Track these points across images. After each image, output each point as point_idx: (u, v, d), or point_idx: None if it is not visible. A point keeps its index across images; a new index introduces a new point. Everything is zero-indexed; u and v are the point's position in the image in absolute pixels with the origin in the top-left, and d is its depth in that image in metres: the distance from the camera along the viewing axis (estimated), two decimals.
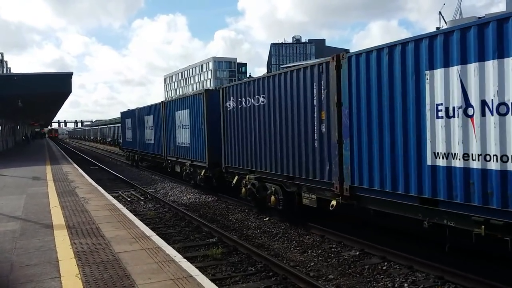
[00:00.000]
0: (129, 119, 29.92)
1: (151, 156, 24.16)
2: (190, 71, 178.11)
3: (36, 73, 27.05)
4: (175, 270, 6.10)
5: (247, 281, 7.57)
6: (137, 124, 27.01)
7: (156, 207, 14.85)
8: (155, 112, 22.72)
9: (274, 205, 11.51)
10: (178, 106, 18.88)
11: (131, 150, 29.71)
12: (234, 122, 13.48)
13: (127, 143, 31.15)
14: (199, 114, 16.37)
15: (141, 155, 26.85)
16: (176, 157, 19.39)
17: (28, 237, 8.19)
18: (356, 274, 7.80)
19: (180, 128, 18.58)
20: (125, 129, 31.74)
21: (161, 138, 21.40)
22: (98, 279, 5.76)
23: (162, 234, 10.43)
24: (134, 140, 28.03)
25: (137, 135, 27.13)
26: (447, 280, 7.13)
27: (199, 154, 16.58)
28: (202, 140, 16.08)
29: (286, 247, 9.65)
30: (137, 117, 27.01)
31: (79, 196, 13.05)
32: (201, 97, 16.12)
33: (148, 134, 24.21)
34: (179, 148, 18.86)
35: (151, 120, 23.46)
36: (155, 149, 22.97)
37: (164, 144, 21.07)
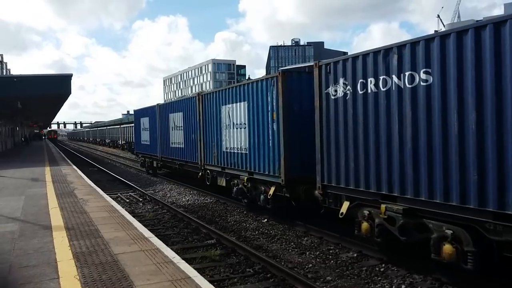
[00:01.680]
0: (145, 118, 24.90)
1: (179, 163, 19.45)
2: (189, 73, 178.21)
3: (36, 75, 27.12)
4: (174, 271, 6.13)
5: (245, 282, 7.59)
6: (157, 124, 22.26)
7: (154, 208, 14.87)
8: (186, 108, 18.03)
9: (450, 259, 6.81)
10: (227, 98, 13.98)
11: (148, 155, 24.81)
12: (345, 116, 8.74)
13: (142, 147, 26.08)
14: (265, 108, 11.74)
15: (162, 161, 22.14)
16: (221, 167, 14.64)
17: (27, 238, 8.20)
18: (354, 276, 7.82)
19: (229, 127, 13.96)
20: (139, 130, 26.46)
21: (196, 141, 16.92)
22: (97, 280, 5.78)
23: (161, 235, 10.45)
24: (153, 144, 23.39)
25: (157, 137, 22.39)
26: (445, 282, 7.16)
27: (264, 164, 11.92)
28: (274, 144, 11.40)
29: (284, 248, 9.68)
30: (158, 115, 22.18)
31: (78, 198, 13.06)
32: (273, 81, 11.28)
33: (175, 136, 19.59)
34: (228, 155, 14.14)
35: (179, 119, 18.83)
36: (186, 155, 18.25)
37: (200, 149, 16.45)
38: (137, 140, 27.83)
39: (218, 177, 15.26)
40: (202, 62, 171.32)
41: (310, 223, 10.92)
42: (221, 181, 14.99)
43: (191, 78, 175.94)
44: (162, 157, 22.03)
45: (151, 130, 23.74)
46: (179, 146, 19.16)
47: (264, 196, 12.03)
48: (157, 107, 22.47)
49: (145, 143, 25.32)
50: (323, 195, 9.64)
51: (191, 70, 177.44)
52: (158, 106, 22.31)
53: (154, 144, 23.35)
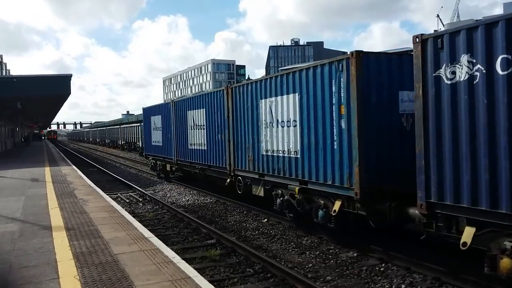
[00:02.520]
0: (157, 117, 22.15)
1: (199, 168, 16.73)
2: (189, 73, 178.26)
3: (35, 75, 27.13)
4: (174, 271, 6.13)
5: (245, 282, 7.59)
6: (172, 122, 19.52)
7: (154, 208, 14.87)
8: (210, 103, 15.37)
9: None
10: (268, 90, 11.48)
11: (160, 157, 22.00)
12: (472, 108, 6.33)
13: (153, 148, 23.15)
14: (327, 101, 9.11)
15: (178, 165, 19.46)
16: (259, 173, 12.12)
17: (27, 238, 8.21)
18: (354, 275, 7.83)
19: (271, 126, 11.36)
20: (149, 129, 23.67)
21: (223, 142, 14.35)
22: (97, 281, 5.78)
23: (161, 235, 10.45)
24: (167, 145, 20.67)
25: (172, 138, 19.67)
26: (444, 282, 7.17)
27: (325, 171, 9.30)
28: (342, 146, 8.73)
29: (285, 248, 9.68)
30: (172, 113, 19.45)
31: (78, 198, 13.07)
32: (341, 66, 8.64)
33: (195, 136, 16.91)
34: (269, 159, 11.56)
35: (201, 117, 16.28)
36: (209, 159, 15.66)
37: (229, 151, 13.86)
38: (146, 141, 24.81)
39: (253, 185, 12.59)
40: (202, 62, 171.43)
41: (310, 224, 10.92)
42: (258, 191, 12.39)
43: (191, 78, 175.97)
44: (177, 160, 19.19)
45: (164, 130, 20.88)
46: (200, 148, 16.45)
47: (324, 212, 9.38)
48: (171, 104, 19.75)
49: (156, 144, 22.42)
50: (429, 216, 7.10)
51: (190, 70, 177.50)
52: (173, 102, 19.56)
53: (167, 146, 20.50)
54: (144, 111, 25.05)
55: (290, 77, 10.42)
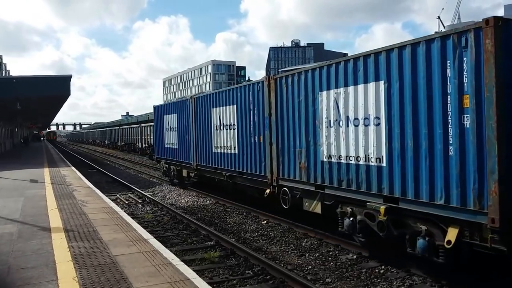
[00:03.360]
0: (171, 116, 19.66)
1: (227, 175, 14.23)
2: (189, 75, 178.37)
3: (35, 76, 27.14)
4: (172, 273, 6.11)
5: (245, 284, 7.57)
6: (192, 122, 17.05)
7: (154, 210, 14.84)
8: (243, 99, 12.93)
9: None
10: (331, 80, 9.12)
11: (175, 162, 19.52)
12: None
13: (166, 152, 20.59)
14: (435, 89, 6.81)
15: (198, 170, 16.88)
16: (316, 184, 9.71)
17: (25, 239, 8.18)
18: (353, 277, 7.81)
19: (336, 125, 9.03)
20: (162, 130, 21.09)
21: (261, 145, 12.00)
22: (95, 282, 5.76)
23: (160, 237, 10.43)
24: (184, 148, 18.09)
25: (190, 139, 17.26)
26: (444, 284, 7.14)
27: (435, 186, 6.91)
28: (467, 152, 6.39)
29: (284, 250, 9.66)
30: (192, 111, 17.01)
31: (77, 199, 13.04)
32: (465, 39, 6.29)
33: (223, 138, 14.38)
34: (332, 168, 9.20)
35: (230, 115, 13.81)
36: (241, 164, 13.19)
37: (272, 156, 11.45)
38: (158, 143, 22.02)
39: (305, 199, 10.23)
40: (202, 64, 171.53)
41: (309, 225, 10.91)
42: (313, 206, 10.00)
43: (191, 79, 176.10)
44: (198, 165, 16.76)
45: (181, 131, 18.35)
46: (229, 152, 13.99)
47: (426, 241, 7.03)
48: (191, 100, 17.19)
49: (170, 146, 19.86)
50: None
51: (190, 72, 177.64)
52: (193, 98, 17.01)
53: (185, 148, 18.01)
54: (156, 109, 22.16)
55: (370, 60, 8.02)
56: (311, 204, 10.08)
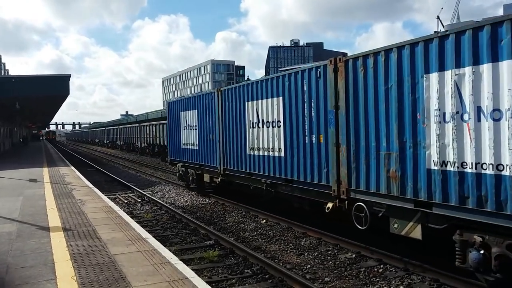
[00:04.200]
0: (190, 112, 17.10)
1: (268, 182, 11.74)
2: (188, 74, 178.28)
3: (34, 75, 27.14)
4: (171, 272, 6.11)
5: (243, 283, 7.57)
6: (217, 119, 14.58)
7: (153, 209, 14.84)
8: (293, 89, 10.54)
9: None
10: (461, 54, 6.55)
11: (194, 165, 16.97)
12: None
13: (183, 153, 18.02)
14: None
15: (226, 176, 14.32)
16: (417, 200, 7.37)
17: (24, 239, 8.18)
18: (352, 276, 7.81)
19: (452, 120, 6.70)
20: (178, 129, 18.55)
21: (323, 148, 9.58)
22: (94, 281, 5.76)
23: (159, 236, 10.44)
24: (206, 149, 15.65)
25: (216, 139, 14.81)
26: (443, 283, 7.15)
27: None
28: None
29: (283, 249, 9.66)
30: (218, 106, 14.46)
31: (76, 198, 13.04)
32: None
33: (259, 138, 12.08)
34: (448, 179, 6.81)
35: (273, 109, 11.36)
36: (292, 171, 10.71)
37: (340, 162, 9.03)
38: (173, 143, 19.40)
39: (395, 219, 7.85)
40: (201, 63, 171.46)
41: (308, 224, 10.91)
42: (408, 229, 7.60)
43: (190, 78, 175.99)
44: (225, 170, 14.25)
45: (203, 129, 15.84)
46: (271, 154, 11.53)
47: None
48: (217, 93, 14.57)
49: (189, 147, 17.34)
50: None
51: (190, 71, 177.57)
52: (221, 92, 14.38)
53: (208, 150, 15.50)
54: (171, 105, 19.65)
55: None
56: (404, 226, 7.64)
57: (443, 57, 6.77)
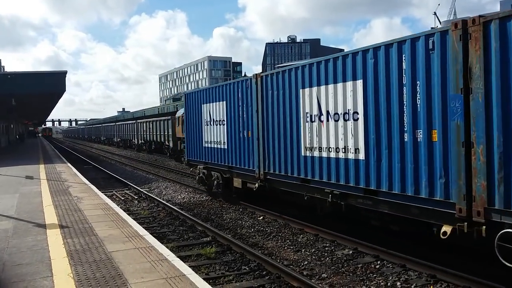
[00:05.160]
0: (215, 105, 14.51)
1: (338, 193, 9.19)
2: (185, 70, 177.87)
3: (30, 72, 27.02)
4: (168, 269, 6.10)
5: (241, 280, 7.57)
6: (255, 111, 12.09)
7: (150, 206, 14.82)
8: (387, 67, 7.84)
9: None
10: None
11: (221, 167, 14.44)
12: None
13: (206, 153, 15.46)
14: None
15: (267, 182, 11.85)
16: None
17: (20, 236, 8.15)
18: (349, 273, 7.82)
19: None
20: (198, 124, 16.04)
21: (433, 149, 7.13)
22: (91, 278, 5.74)
23: (156, 233, 10.43)
24: (239, 148, 13.13)
25: (253, 137, 12.30)
26: (440, 279, 7.17)
27: None
28: None
29: (280, 246, 9.67)
30: (255, 95, 12.04)
31: (73, 195, 13.00)
32: None
33: (321, 135, 9.64)
34: None
35: (347, 97, 8.83)
36: (379, 179, 8.16)
37: (482, 169, 6.32)
38: (191, 141, 16.84)
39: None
40: (198, 59, 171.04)
41: (305, 220, 10.92)
42: None
43: (187, 75, 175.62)
44: (266, 174, 11.79)
45: (235, 125, 13.30)
46: (342, 156, 8.98)
47: None
48: (255, 80, 11.98)
49: (214, 146, 14.77)
50: None
51: (187, 67, 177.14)
52: (261, 78, 11.82)
53: (241, 149, 13.01)
54: (189, 97, 16.97)
55: None
56: None
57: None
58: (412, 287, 7.00)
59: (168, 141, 35.91)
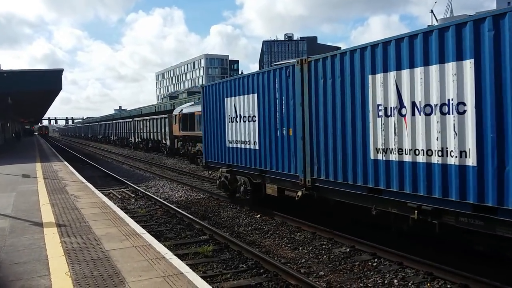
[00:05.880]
0: (244, 98, 12.32)
1: (431, 209, 7.03)
2: (182, 68, 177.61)
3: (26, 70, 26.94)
4: (166, 267, 6.10)
5: (238, 278, 7.58)
6: (298, 105, 10.03)
7: (147, 204, 14.81)
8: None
9: None
10: None
11: (252, 171, 12.20)
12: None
13: (231, 154, 13.28)
14: None
15: (316, 190, 9.68)
16: None
17: (17, 235, 8.13)
18: (346, 270, 7.84)
19: None
20: (219, 121, 13.87)
21: None
22: (88, 277, 5.73)
23: (153, 231, 10.42)
24: (275, 149, 11.04)
25: (295, 136, 10.24)
26: (436, 276, 7.20)
27: None
28: None
29: (278, 244, 9.68)
30: (299, 85, 9.89)
31: (69, 194, 12.98)
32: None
33: (406, 133, 7.42)
34: None
35: (457, 80, 6.53)
36: (498, 193, 6.07)
37: None
38: (211, 140, 14.59)
39: None
40: (195, 57, 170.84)
41: (303, 218, 10.93)
42: None
43: (184, 73, 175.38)
44: (313, 182, 9.66)
45: (269, 121, 11.19)
46: (437, 161, 6.97)
47: None
48: (299, 68, 9.85)
49: (240, 146, 12.60)
50: None
51: (183, 65, 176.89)
52: (309, 63, 9.62)
53: (278, 150, 10.87)
54: (208, 90, 14.71)
55: None
56: None
57: None
58: (409, 284, 7.02)
59: (165, 139, 35.90)
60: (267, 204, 12.28)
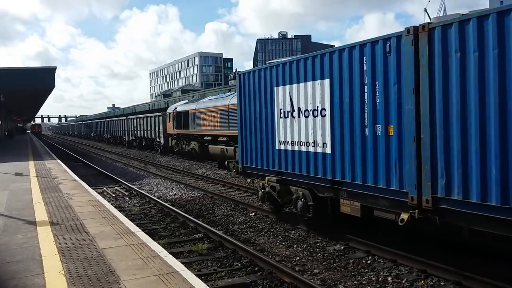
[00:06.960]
0: (307, 86, 9.34)
1: None
2: (176, 66, 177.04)
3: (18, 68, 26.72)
4: (160, 265, 6.09)
5: (233, 276, 7.59)
6: (402, 89, 7.05)
7: (141, 202, 14.77)
8: None
9: None
10: None
11: (318, 183, 9.22)
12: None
13: (287, 159, 10.19)
14: None
15: (442, 215, 6.61)
16: None
17: (10, 233, 8.07)
18: (341, 268, 7.87)
19: None
20: (267, 117, 10.91)
21: None
22: (82, 276, 5.71)
23: (148, 230, 10.40)
24: (362, 154, 7.98)
25: (403, 132, 7.09)
26: (430, 274, 7.24)
27: None
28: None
29: (272, 242, 9.69)
30: (412, 65, 6.81)
31: (63, 192, 12.91)
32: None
33: None
34: None
35: None
36: None
37: None
38: (251, 141, 11.74)
39: None
40: (189, 55, 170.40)
41: (297, 216, 10.94)
42: None
43: (178, 71, 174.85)
44: (435, 202, 6.64)
45: (350, 115, 8.26)
46: None
47: None
48: (403, 39, 6.99)
49: (299, 149, 9.74)
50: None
51: (177, 63, 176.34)
52: (429, 31, 6.58)
53: (364, 155, 7.96)
54: (245, 78, 11.90)
55: None
56: None
57: None
58: (403, 281, 7.06)
59: (159, 137, 35.80)
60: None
